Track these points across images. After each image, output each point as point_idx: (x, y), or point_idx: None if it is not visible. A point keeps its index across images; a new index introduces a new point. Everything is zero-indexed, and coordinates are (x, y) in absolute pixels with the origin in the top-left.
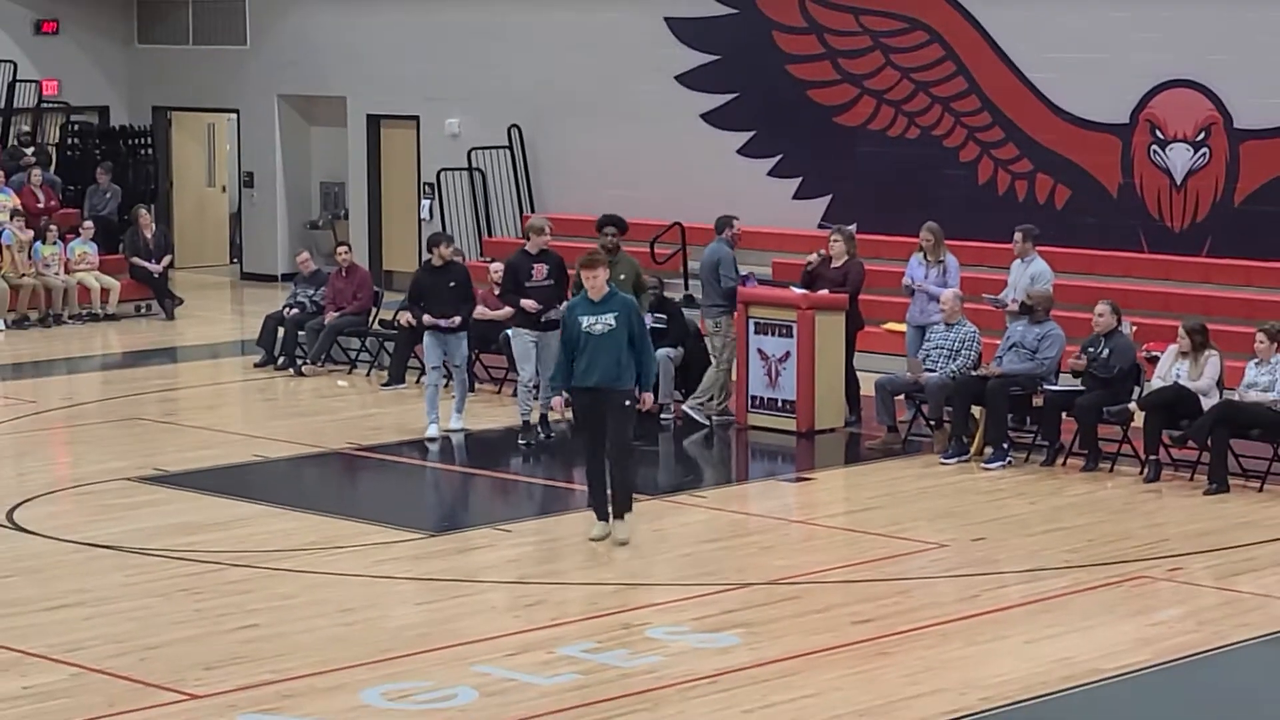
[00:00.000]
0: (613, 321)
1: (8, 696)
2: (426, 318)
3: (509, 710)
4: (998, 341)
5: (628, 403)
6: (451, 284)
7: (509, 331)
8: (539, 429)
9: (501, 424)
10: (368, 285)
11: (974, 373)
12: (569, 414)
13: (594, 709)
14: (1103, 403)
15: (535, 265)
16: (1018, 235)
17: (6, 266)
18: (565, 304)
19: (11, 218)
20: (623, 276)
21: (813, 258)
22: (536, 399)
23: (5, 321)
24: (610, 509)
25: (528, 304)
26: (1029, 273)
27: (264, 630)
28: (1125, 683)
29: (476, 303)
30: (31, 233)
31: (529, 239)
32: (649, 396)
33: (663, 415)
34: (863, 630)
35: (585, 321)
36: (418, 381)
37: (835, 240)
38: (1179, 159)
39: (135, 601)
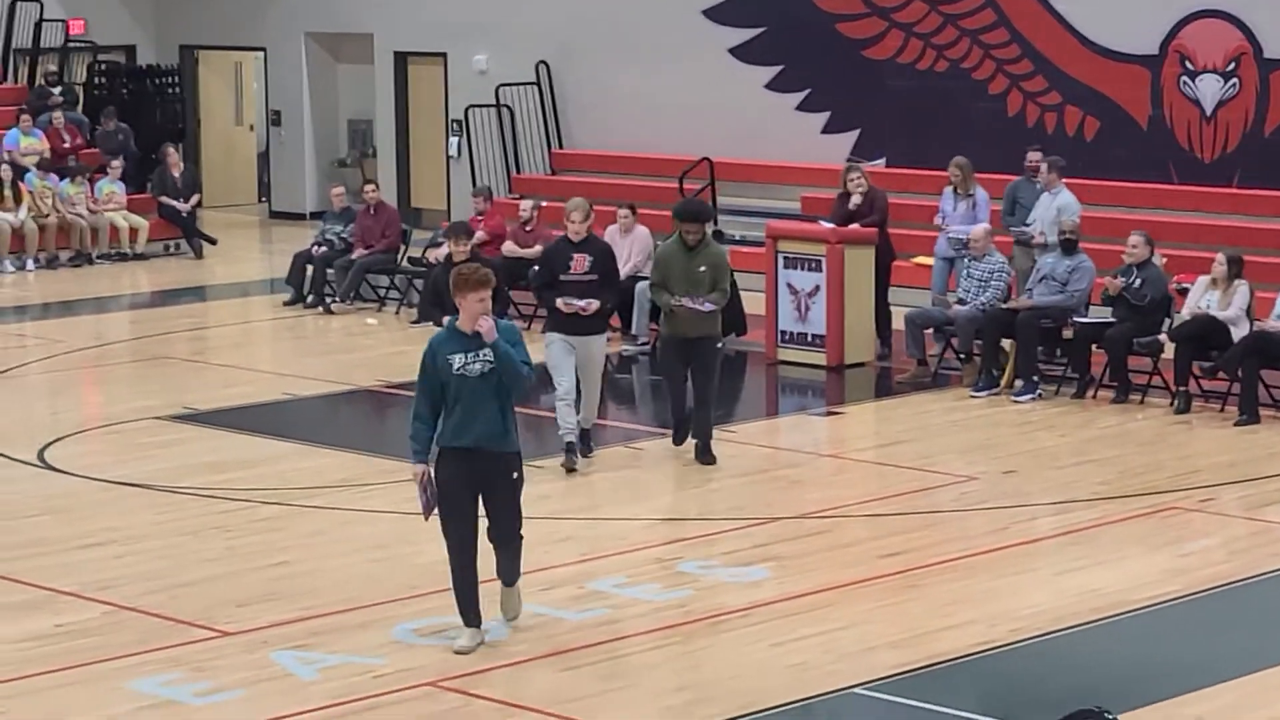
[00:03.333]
0: (492, 357)
1: (41, 634)
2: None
3: (541, 645)
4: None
5: (515, 475)
6: None
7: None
8: (579, 446)
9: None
10: (396, 223)
11: (1004, 305)
12: (429, 491)
13: (625, 643)
14: (1133, 334)
15: (575, 256)
16: (1043, 166)
17: (35, 208)
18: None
19: (39, 163)
20: (702, 269)
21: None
22: (579, 414)
23: (36, 261)
24: (486, 601)
25: (562, 304)
26: (1055, 204)
27: (295, 567)
28: (1156, 613)
29: (507, 306)
30: (55, 175)
31: (567, 223)
32: (488, 322)
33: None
34: (892, 563)
35: (457, 361)
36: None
37: (855, 179)
38: (1209, 90)
39: (166, 539)
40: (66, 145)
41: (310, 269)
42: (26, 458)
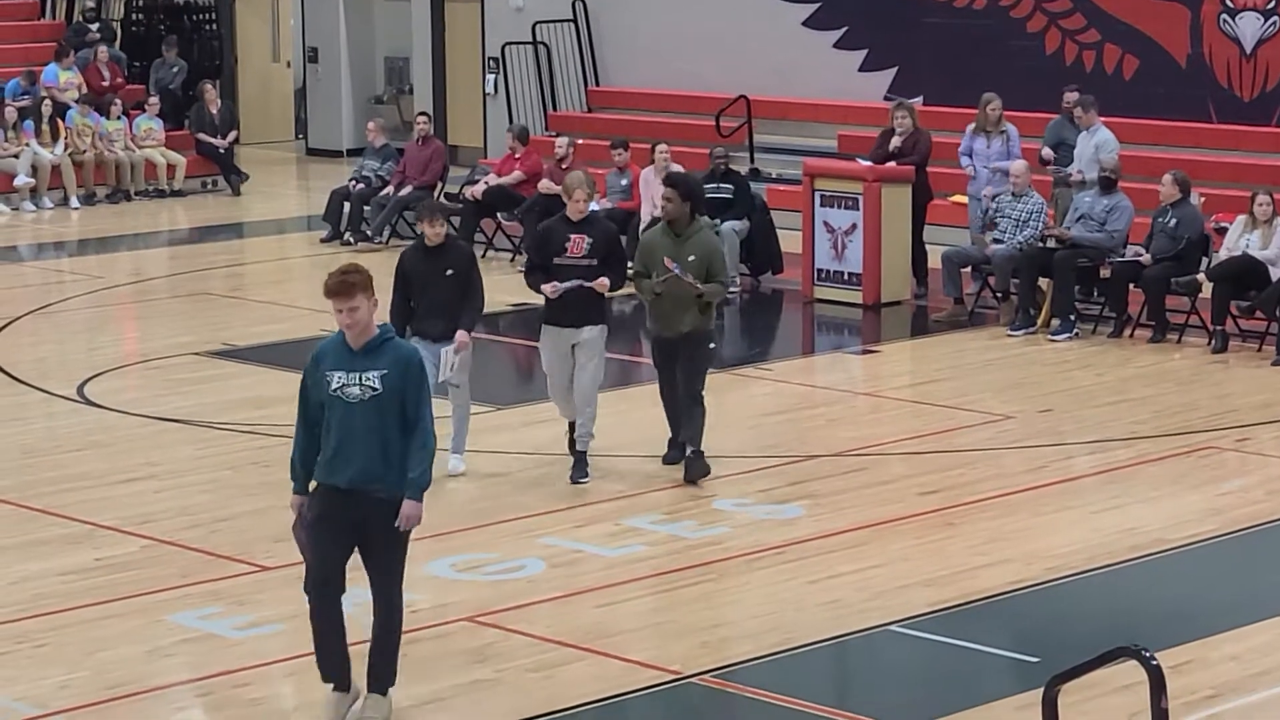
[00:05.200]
0: (377, 384)
1: (81, 568)
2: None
3: (577, 581)
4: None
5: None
6: (448, 271)
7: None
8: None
9: None
10: (440, 157)
11: (1045, 233)
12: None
13: (661, 579)
14: (1171, 274)
15: (573, 237)
16: (1078, 108)
17: (73, 145)
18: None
19: (79, 100)
20: (691, 258)
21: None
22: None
23: (78, 198)
24: (355, 677)
25: (547, 289)
26: (1094, 142)
27: None
28: (1193, 553)
29: (483, 304)
30: (94, 111)
31: (567, 200)
32: (412, 507)
33: (728, 289)
34: (929, 501)
35: (336, 380)
36: (483, 256)
37: (902, 116)
38: (1249, 28)
39: (205, 475)
40: (106, 83)
41: (347, 206)
42: (66, 393)
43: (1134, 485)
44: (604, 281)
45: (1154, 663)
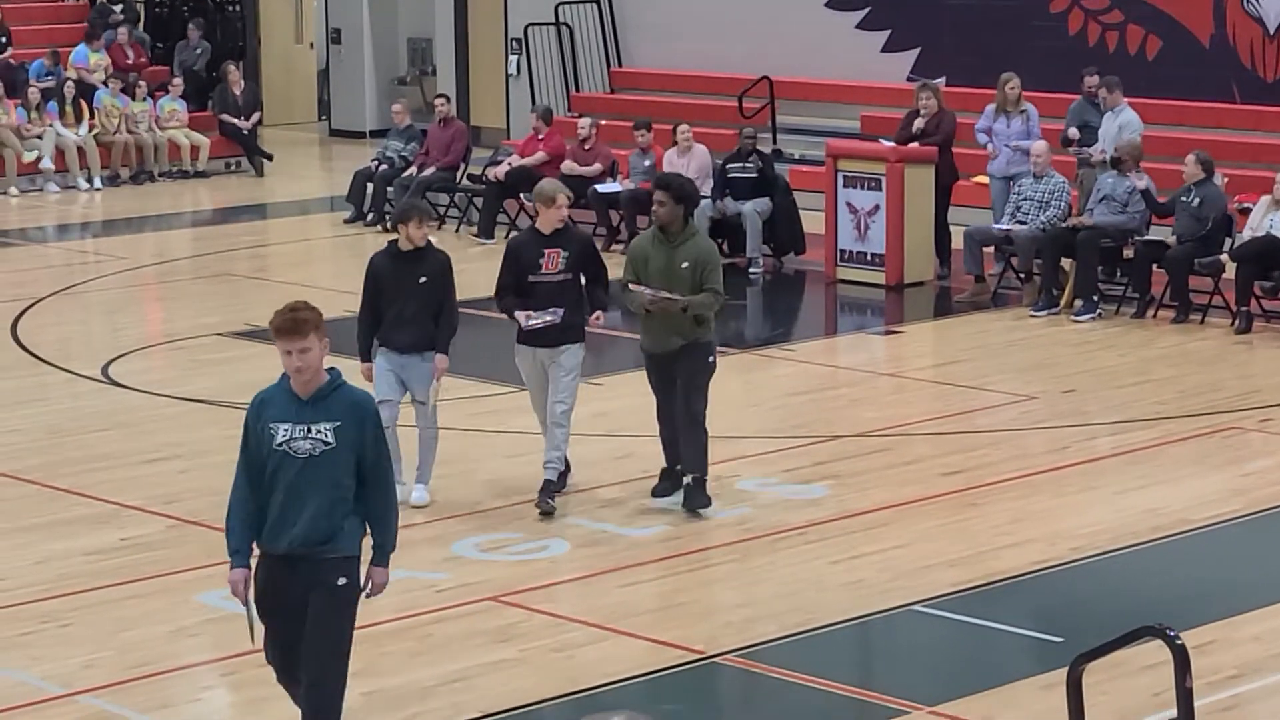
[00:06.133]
0: (330, 437)
1: (107, 548)
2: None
3: (601, 561)
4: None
5: (343, 581)
6: (422, 279)
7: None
8: (555, 485)
9: None
10: (463, 138)
11: (1064, 224)
12: (252, 608)
13: (685, 559)
14: (1194, 254)
15: (547, 251)
16: (1102, 90)
17: (99, 126)
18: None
19: (106, 80)
20: (684, 265)
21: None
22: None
23: (102, 179)
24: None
25: (521, 318)
26: (1118, 123)
27: None
28: (1216, 533)
29: (456, 322)
30: (120, 87)
31: (538, 212)
32: (382, 575)
33: (751, 269)
34: (952, 482)
35: (282, 432)
36: (506, 236)
37: (926, 97)
38: (1272, 8)
39: (229, 454)
40: (130, 62)
41: (370, 187)
42: (91, 373)
43: (1157, 466)
44: (598, 316)
45: (1178, 642)
